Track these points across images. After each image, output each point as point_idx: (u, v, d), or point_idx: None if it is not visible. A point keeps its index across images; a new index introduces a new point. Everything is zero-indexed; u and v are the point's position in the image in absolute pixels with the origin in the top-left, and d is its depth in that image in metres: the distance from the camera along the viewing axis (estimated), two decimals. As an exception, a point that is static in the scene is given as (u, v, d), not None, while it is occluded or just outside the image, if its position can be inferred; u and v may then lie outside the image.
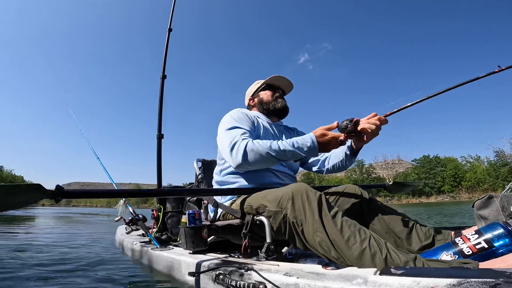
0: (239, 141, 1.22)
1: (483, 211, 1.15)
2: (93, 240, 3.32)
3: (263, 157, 1.18)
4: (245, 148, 1.19)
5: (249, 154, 1.18)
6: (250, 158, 1.18)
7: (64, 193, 0.89)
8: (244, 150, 1.19)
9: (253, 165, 1.22)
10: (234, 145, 1.22)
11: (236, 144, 1.22)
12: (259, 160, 1.19)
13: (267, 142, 1.20)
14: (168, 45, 2.18)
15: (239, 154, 1.19)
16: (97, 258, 2.04)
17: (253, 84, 1.65)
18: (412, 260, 0.83)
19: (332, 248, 0.92)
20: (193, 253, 1.31)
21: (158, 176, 1.98)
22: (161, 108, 2.12)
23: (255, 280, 0.88)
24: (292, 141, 1.19)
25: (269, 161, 1.21)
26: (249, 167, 1.23)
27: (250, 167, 1.23)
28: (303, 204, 1.00)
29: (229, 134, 1.28)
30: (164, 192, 1.40)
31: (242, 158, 1.19)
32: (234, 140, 1.23)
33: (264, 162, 1.21)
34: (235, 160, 1.21)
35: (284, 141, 1.21)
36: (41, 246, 2.67)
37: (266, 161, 1.21)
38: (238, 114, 1.39)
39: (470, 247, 0.89)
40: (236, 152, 1.20)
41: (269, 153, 1.17)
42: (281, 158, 1.20)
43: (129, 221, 2.41)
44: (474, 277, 0.59)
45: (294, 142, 1.19)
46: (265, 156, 1.18)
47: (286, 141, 1.20)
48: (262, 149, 1.18)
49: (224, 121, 1.37)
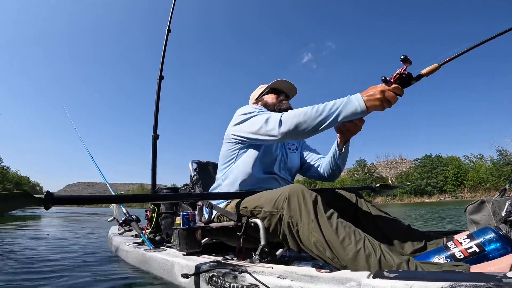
0: (271, 115, 1.18)
1: (475, 215, 1.16)
2: (86, 240, 3.28)
3: (304, 117, 1.09)
4: (281, 117, 1.14)
5: (287, 120, 1.12)
6: (289, 123, 1.11)
7: (54, 200, 0.88)
8: (280, 119, 1.13)
9: (293, 130, 1.11)
10: (268, 119, 1.17)
11: (271, 118, 1.17)
12: (300, 122, 1.09)
13: (302, 108, 1.13)
14: (167, 46, 2.18)
15: (276, 121, 1.14)
16: (89, 259, 2.01)
17: (257, 89, 1.64)
18: (405, 262, 0.83)
19: (327, 249, 0.92)
20: (187, 254, 1.30)
21: (152, 177, 1.98)
22: (158, 109, 2.12)
23: (249, 283, 0.88)
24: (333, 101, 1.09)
25: (311, 119, 1.08)
26: (289, 134, 1.13)
27: (290, 132, 1.12)
28: (299, 205, 1.01)
29: (257, 115, 1.24)
30: (159, 197, 1.35)
31: (279, 125, 1.12)
32: (266, 116, 1.19)
33: (307, 123, 1.09)
34: (273, 131, 1.14)
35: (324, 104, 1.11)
36: (32, 247, 2.63)
37: (309, 121, 1.08)
38: (256, 105, 1.37)
39: (462, 251, 0.90)
40: (274, 122, 1.14)
41: (308, 112, 1.09)
42: (324, 115, 1.07)
43: (122, 221, 2.38)
44: (465, 280, 0.59)
45: (335, 101, 1.08)
46: (306, 115, 1.08)
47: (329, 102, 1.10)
48: (300, 111, 1.11)
49: (244, 110, 1.32)
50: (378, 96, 1.01)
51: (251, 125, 1.24)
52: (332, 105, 1.07)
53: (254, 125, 1.22)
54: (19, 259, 2.00)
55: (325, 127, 1.09)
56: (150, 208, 1.97)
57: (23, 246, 2.69)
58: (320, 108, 1.08)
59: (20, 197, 0.83)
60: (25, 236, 3.65)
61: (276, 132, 1.14)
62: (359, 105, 1.03)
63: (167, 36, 2.18)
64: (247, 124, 1.27)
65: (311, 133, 1.12)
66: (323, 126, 1.08)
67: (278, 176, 1.40)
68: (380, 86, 1.02)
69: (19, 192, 0.83)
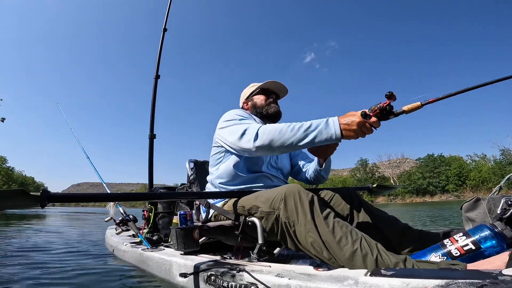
0: (248, 127, 1.18)
1: (471, 213, 1.18)
2: (83, 240, 3.26)
3: (279, 134, 1.09)
4: (258, 130, 1.14)
5: (262, 135, 1.12)
6: (264, 138, 1.11)
7: (50, 197, 0.87)
8: (257, 132, 1.13)
9: (267, 145, 1.11)
10: (245, 131, 1.17)
11: (248, 129, 1.17)
12: (274, 139, 1.09)
13: (279, 124, 1.13)
14: (163, 45, 2.17)
15: (251, 136, 1.13)
16: (86, 259, 2.00)
17: (248, 87, 1.65)
18: (402, 261, 0.84)
19: (324, 249, 0.92)
20: (185, 254, 1.30)
21: (149, 176, 1.97)
22: (154, 108, 2.11)
23: (247, 281, 0.88)
24: (312, 123, 1.09)
25: (285, 138, 1.08)
26: (261, 150, 1.14)
27: (263, 149, 1.13)
28: (295, 205, 1.01)
29: (237, 124, 1.24)
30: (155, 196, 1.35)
31: (254, 139, 1.12)
32: (245, 127, 1.19)
33: (281, 141, 1.08)
34: (246, 144, 1.15)
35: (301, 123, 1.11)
36: (30, 247, 2.61)
37: (283, 139, 1.08)
38: (241, 111, 1.39)
39: (458, 248, 0.91)
40: (250, 136, 1.15)
41: (283, 129, 1.09)
42: (299, 135, 1.07)
43: (119, 221, 2.37)
44: (461, 278, 0.60)
45: (312, 122, 1.09)
46: (281, 132, 1.08)
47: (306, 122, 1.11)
48: (276, 127, 1.10)
49: (227, 117, 1.33)
50: (354, 127, 1.02)
51: (230, 134, 1.25)
52: (308, 127, 1.07)
53: (232, 135, 1.23)
54: (15, 258, 1.98)
55: (299, 147, 1.09)
56: (148, 208, 1.96)
57: (19, 245, 2.67)
58: (296, 128, 1.08)
59: (16, 194, 0.82)
60: (21, 235, 3.62)
61: (251, 145, 1.14)
62: (335, 132, 1.04)
63: (163, 35, 2.18)
64: (227, 132, 1.28)
65: (284, 151, 1.13)
66: (297, 146, 1.09)
67: (268, 173, 1.41)
68: (358, 115, 1.02)
69: (14, 190, 0.82)
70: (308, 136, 1.06)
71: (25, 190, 0.83)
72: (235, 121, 1.28)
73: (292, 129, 1.08)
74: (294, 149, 1.11)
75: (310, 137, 1.06)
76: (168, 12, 2.22)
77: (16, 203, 0.84)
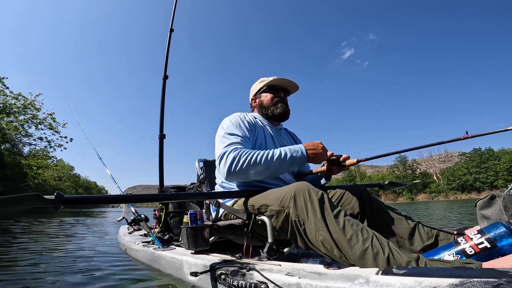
0: (227, 151, 1.20)
1: (486, 210, 1.15)
2: (96, 239, 3.33)
3: (250, 167, 1.16)
4: (233, 159, 1.17)
5: (236, 165, 1.16)
6: (236, 169, 1.16)
7: (64, 201, 0.88)
8: (232, 160, 1.17)
9: (239, 175, 1.19)
10: (223, 155, 1.20)
11: (225, 154, 1.19)
12: (245, 171, 1.16)
13: (255, 152, 1.18)
14: (170, 45, 2.18)
15: (227, 164, 1.17)
16: (100, 258, 2.04)
17: (257, 82, 1.59)
18: (414, 260, 0.82)
19: (335, 247, 0.91)
20: (195, 253, 1.31)
21: (160, 176, 1.99)
22: (163, 108, 2.13)
23: (257, 280, 0.89)
24: (280, 150, 1.21)
25: (256, 171, 1.17)
26: (236, 178, 1.22)
27: (237, 177, 1.21)
28: (305, 203, 1.00)
29: (223, 141, 1.26)
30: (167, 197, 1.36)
31: (228, 168, 1.17)
32: (224, 149, 1.22)
33: (252, 173, 1.18)
34: (222, 170, 1.19)
35: (272, 150, 1.21)
36: (44, 246, 2.68)
37: (254, 172, 1.17)
38: (236, 119, 1.37)
39: (473, 246, 0.89)
40: (225, 163, 1.18)
41: (256, 162, 1.16)
42: (269, 167, 1.17)
43: (131, 221, 2.41)
44: (476, 277, 0.59)
45: (282, 150, 1.20)
46: (252, 165, 1.16)
47: (276, 149, 1.21)
48: (250, 158, 1.16)
49: (222, 127, 1.35)
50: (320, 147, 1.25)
51: (216, 148, 1.28)
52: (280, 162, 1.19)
53: (217, 150, 1.27)
54: (29, 256, 2.04)
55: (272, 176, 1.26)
56: (159, 207, 1.99)
57: (33, 243, 2.75)
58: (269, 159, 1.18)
59: (31, 198, 0.84)
60: (35, 233, 3.72)
61: (225, 170, 1.19)
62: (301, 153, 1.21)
63: (170, 36, 2.19)
64: (216, 143, 1.30)
65: (255, 180, 1.26)
66: (269, 176, 1.23)
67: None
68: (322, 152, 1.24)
69: (29, 195, 0.84)
70: (279, 170, 1.21)
71: (39, 194, 0.85)
72: (226, 132, 1.30)
73: (266, 160, 1.17)
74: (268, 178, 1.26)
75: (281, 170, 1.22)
76: (174, 13, 2.23)
77: (32, 206, 0.86)
